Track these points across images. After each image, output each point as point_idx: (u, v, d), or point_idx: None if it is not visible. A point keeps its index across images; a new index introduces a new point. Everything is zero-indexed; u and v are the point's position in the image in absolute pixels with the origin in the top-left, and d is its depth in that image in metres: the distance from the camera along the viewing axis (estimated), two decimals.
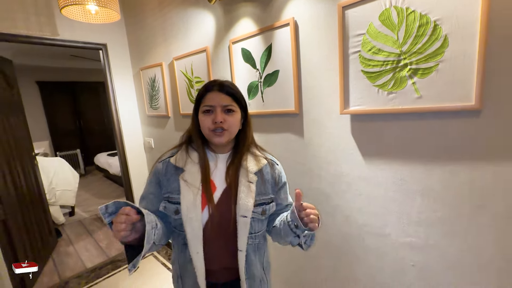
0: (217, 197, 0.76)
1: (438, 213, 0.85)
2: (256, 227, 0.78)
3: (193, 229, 0.72)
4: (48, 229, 2.52)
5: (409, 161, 0.88)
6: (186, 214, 0.72)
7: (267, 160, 0.82)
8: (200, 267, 0.74)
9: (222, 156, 0.81)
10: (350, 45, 0.94)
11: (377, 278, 1.05)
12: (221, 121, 0.73)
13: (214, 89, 0.75)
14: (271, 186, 0.81)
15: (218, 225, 0.75)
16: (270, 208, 0.80)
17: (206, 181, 0.75)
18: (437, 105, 0.78)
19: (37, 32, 1.76)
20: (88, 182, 4.91)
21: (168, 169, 0.78)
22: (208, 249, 0.75)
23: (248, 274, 0.77)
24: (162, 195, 0.79)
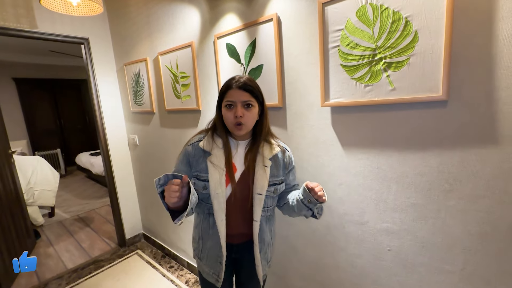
0: (237, 177, 0.93)
1: (411, 199, 0.91)
2: (269, 202, 0.96)
3: (219, 202, 0.90)
4: (26, 230, 2.42)
5: (385, 150, 0.94)
6: (214, 190, 0.90)
7: (280, 148, 0.97)
8: (223, 231, 0.92)
9: (242, 142, 0.96)
10: (330, 40, 0.98)
11: (357, 264, 1.10)
12: (240, 115, 0.86)
13: (235, 86, 0.87)
14: (282, 170, 0.97)
15: (238, 199, 0.93)
16: (280, 188, 0.98)
17: (229, 164, 0.91)
18: (409, 96, 0.83)
19: (14, 24, 1.70)
20: (69, 182, 4.74)
21: (196, 152, 0.94)
22: (229, 218, 0.94)
23: (260, 239, 0.96)
24: (191, 173, 0.95)
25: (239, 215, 0.95)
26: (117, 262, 2.23)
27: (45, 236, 2.76)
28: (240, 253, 1.01)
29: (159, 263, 2.18)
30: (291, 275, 1.36)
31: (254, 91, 0.87)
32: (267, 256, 1.02)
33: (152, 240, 2.45)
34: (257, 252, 0.95)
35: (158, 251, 2.37)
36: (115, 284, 1.95)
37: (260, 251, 0.96)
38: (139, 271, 2.09)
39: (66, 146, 5.46)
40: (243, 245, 0.99)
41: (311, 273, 1.27)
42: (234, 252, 1.01)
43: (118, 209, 2.40)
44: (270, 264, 1.07)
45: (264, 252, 0.99)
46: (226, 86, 0.89)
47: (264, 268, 1.01)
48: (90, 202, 3.70)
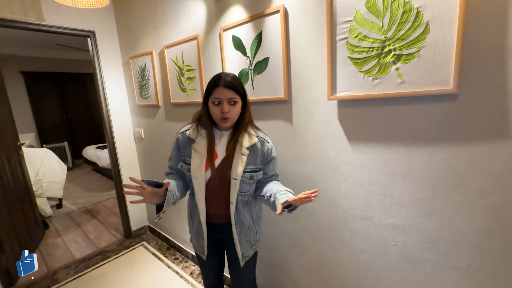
0: (218, 163, 1.03)
1: (417, 194, 0.90)
2: (245, 188, 1.04)
3: (198, 183, 1.02)
4: (35, 221, 2.48)
5: (392, 145, 0.92)
6: (194, 172, 1.02)
7: (259, 139, 1.04)
8: (202, 210, 1.05)
9: (225, 133, 1.06)
10: (337, 32, 0.96)
11: (361, 259, 1.09)
12: (227, 111, 0.96)
13: (222, 85, 0.95)
14: (260, 159, 1.04)
15: (217, 183, 1.02)
16: (257, 175, 1.05)
17: (211, 151, 1.02)
18: (418, 90, 0.82)
19: (21, 16, 1.71)
20: (76, 175, 4.82)
21: (184, 139, 1.08)
22: (209, 199, 1.05)
23: (237, 220, 1.06)
24: (180, 157, 1.09)
25: (219, 197, 1.05)
26: (123, 253, 2.27)
27: (53, 226, 2.83)
28: (225, 232, 1.12)
29: (164, 255, 2.22)
30: (294, 269, 1.37)
31: (238, 89, 0.97)
32: (249, 238, 1.11)
33: (157, 233, 2.48)
34: (235, 231, 1.06)
35: (163, 243, 2.40)
36: (122, 274, 1.99)
37: (239, 232, 1.07)
38: (144, 263, 2.12)
39: (73, 139, 5.53)
40: (225, 226, 1.09)
41: (314, 268, 1.28)
42: (219, 232, 1.13)
43: (124, 202, 2.44)
44: (255, 247, 1.15)
45: (244, 234, 1.08)
46: (214, 84, 0.97)
47: (246, 249, 1.10)
48: (97, 194, 3.76)
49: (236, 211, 1.04)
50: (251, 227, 1.11)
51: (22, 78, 4.82)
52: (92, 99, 5.71)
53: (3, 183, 1.98)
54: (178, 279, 1.90)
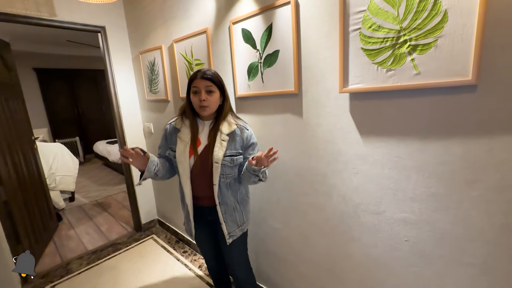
0: (201, 149, 1.15)
1: (431, 188, 0.88)
2: (227, 170, 1.13)
3: (183, 168, 1.14)
4: (49, 213, 2.55)
5: (405, 138, 0.90)
6: (178, 158, 1.14)
7: (238, 126, 1.15)
8: (188, 193, 1.17)
9: (207, 122, 1.18)
10: (350, 23, 0.94)
11: (371, 254, 1.08)
12: (204, 99, 1.08)
13: (199, 76, 1.08)
14: (239, 144, 1.15)
15: (200, 167, 1.14)
16: (237, 159, 1.15)
17: (194, 139, 1.14)
18: (435, 81, 0.79)
19: (34, 12, 1.74)
20: (87, 169, 4.93)
21: (171, 129, 1.21)
22: (195, 182, 1.17)
23: (221, 201, 1.16)
24: (168, 146, 1.22)
25: (203, 180, 1.15)
26: (133, 245, 2.32)
27: (66, 219, 2.91)
28: (213, 215, 1.20)
29: (173, 248, 2.25)
30: (303, 263, 1.37)
31: (214, 79, 1.09)
32: (235, 219, 1.21)
33: (166, 226, 2.52)
34: (220, 212, 1.16)
35: (172, 236, 2.44)
36: (132, 266, 2.03)
37: (224, 212, 1.17)
38: (154, 255, 2.17)
39: (84, 135, 5.66)
40: (213, 208, 1.18)
41: (323, 263, 1.27)
42: (208, 214, 1.22)
43: (134, 196, 2.48)
44: (243, 228, 1.25)
45: (230, 214, 1.19)
46: (193, 76, 1.10)
47: (232, 229, 1.20)
48: (107, 188, 3.84)
49: (220, 192, 1.14)
50: (236, 208, 1.21)
51: (35, 74, 4.94)
52: (102, 95, 5.80)
53: (19, 175, 2.04)
54: (187, 271, 1.93)
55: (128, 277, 1.90)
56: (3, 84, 2.06)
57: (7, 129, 1.97)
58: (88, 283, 1.87)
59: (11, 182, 1.91)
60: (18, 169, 2.05)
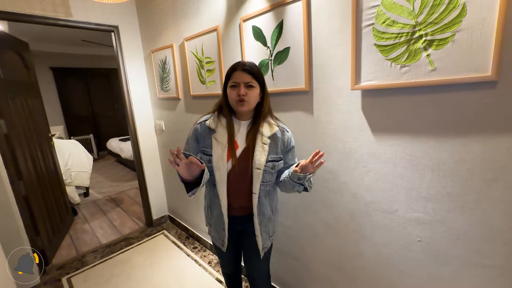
0: (238, 153, 1.02)
1: (447, 188, 0.85)
2: (267, 177, 1.03)
3: (220, 174, 1.00)
4: (65, 207, 2.65)
5: (419, 136, 0.88)
6: (216, 163, 1.00)
7: (279, 128, 1.04)
8: (224, 201, 1.03)
9: (244, 122, 1.05)
10: (363, 18, 0.92)
11: (383, 253, 1.07)
12: (243, 94, 0.95)
13: (239, 69, 0.97)
14: (280, 148, 1.04)
15: (238, 173, 1.02)
16: (278, 164, 1.05)
17: (231, 141, 1.01)
18: (452, 77, 0.77)
19: (51, 13, 1.79)
20: (101, 166, 5.07)
21: (203, 129, 1.06)
22: (230, 190, 1.03)
23: (259, 211, 1.05)
24: (199, 148, 1.07)
25: (240, 187, 1.04)
26: (145, 240, 2.38)
27: (81, 213, 3.01)
28: (243, 225, 1.11)
29: (183, 243, 2.29)
30: (314, 261, 1.36)
31: (255, 73, 0.97)
32: (268, 230, 1.10)
33: (177, 222, 2.56)
34: (257, 223, 1.05)
35: (182, 232, 2.48)
36: (144, 260, 2.08)
37: (260, 223, 1.06)
38: (165, 250, 2.21)
39: (98, 132, 5.81)
40: (244, 218, 1.08)
41: (334, 260, 1.26)
42: (237, 224, 1.11)
43: (145, 192, 2.54)
44: (272, 238, 1.15)
45: (265, 225, 1.08)
46: (232, 69, 0.99)
47: (265, 240, 1.10)
48: (120, 184, 3.94)
49: (258, 202, 1.03)
50: (271, 218, 1.10)
51: (52, 73, 5.11)
52: (115, 93, 5.93)
53: (37, 170, 2.12)
54: (197, 267, 1.96)
55: (140, 271, 1.95)
56: (22, 83, 2.14)
57: (26, 126, 2.05)
58: (102, 275, 1.93)
59: (30, 177, 1.99)
60: (37, 165, 2.13)
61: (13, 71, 2.02)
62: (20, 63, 2.16)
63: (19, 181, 1.83)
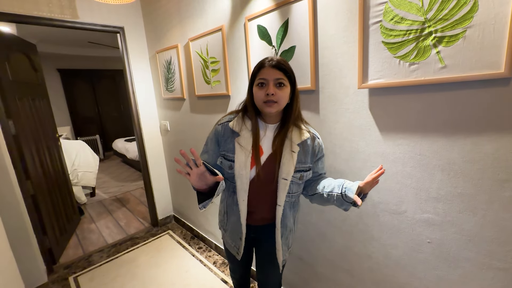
0: (263, 160, 0.92)
1: (458, 188, 0.83)
2: (294, 188, 0.94)
3: (242, 183, 0.91)
4: (72, 207, 2.67)
5: (429, 135, 0.86)
6: (238, 170, 0.90)
7: (310, 134, 0.93)
8: (244, 210, 0.94)
9: (271, 126, 0.94)
10: (370, 16, 0.90)
11: (391, 255, 1.05)
12: (272, 93, 0.83)
13: (268, 65, 0.84)
14: (310, 157, 0.94)
15: (262, 182, 0.92)
16: (307, 175, 0.95)
17: (256, 147, 0.90)
18: (463, 74, 0.75)
19: (58, 15, 1.81)
20: (107, 166, 5.12)
21: (225, 132, 0.95)
22: (252, 199, 0.94)
23: (282, 224, 0.96)
24: (219, 152, 0.97)
25: (262, 198, 0.96)
26: (150, 240, 2.39)
27: (87, 213, 3.04)
28: (259, 233, 1.03)
29: (188, 243, 2.30)
30: (320, 262, 1.35)
31: (287, 70, 0.86)
32: (288, 242, 1.02)
33: (182, 222, 2.57)
34: (279, 237, 0.96)
35: (187, 232, 2.48)
36: (150, 260, 2.09)
37: (281, 236, 0.97)
38: (170, 250, 2.22)
39: (103, 132, 5.87)
40: (262, 227, 1.01)
41: (340, 261, 1.25)
42: (253, 232, 1.04)
43: (151, 192, 2.55)
44: (290, 250, 1.07)
45: (286, 237, 0.99)
46: (260, 65, 0.87)
47: (284, 253, 1.02)
48: (126, 184, 3.97)
49: (282, 214, 0.94)
50: (292, 229, 1.02)
51: (59, 75, 5.18)
52: (120, 94, 5.99)
53: (44, 170, 2.15)
54: (202, 267, 1.96)
55: (146, 271, 1.96)
56: (30, 84, 2.17)
57: (33, 127, 2.08)
58: (108, 275, 1.95)
59: (38, 177, 2.01)
60: (44, 165, 2.16)
61: (21, 72, 2.05)
62: (28, 64, 2.19)
63: (26, 181, 1.85)
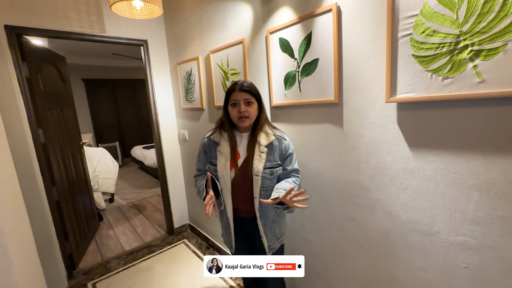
0: (241, 162, 1.14)
1: (498, 211, 0.77)
2: (267, 183, 1.12)
3: (224, 182, 1.13)
4: (92, 213, 2.75)
5: (464, 153, 0.81)
6: (220, 172, 1.13)
7: (276, 137, 1.13)
8: (229, 206, 1.16)
9: (245, 134, 1.17)
10: (399, 28, 0.88)
11: (421, 278, 0.98)
12: (244, 110, 1.07)
13: (238, 89, 1.08)
14: (278, 155, 1.13)
15: (241, 180, 1.13)
16: (277, 171, 1.13)
17: (233, 152, 1.13)
18: (504, 90, 0.70)
19: (88, 29, 1.91)
20: (125, 172, 5.26)
21: (209, 143, 1.20)
22: (235, 195, 1.16)
23: (262, 214, 1.15)
24: (207, 159, 1.22)
25: (243, 193, 1.14)
26: (166, 248, 2.40)
27: (106, 219, 3.11)
28: (251, 226, 1.20)
29: (203, 253, 2.28)
30: (340, 281, 1.29)
31: (252, 91, 1.09)
32: (275, 231, 1.19)
33: (197, 231, 2.57)
34: (260, 225, 1.15)
35: (202, 242, 2.47)
36: (165, 269, 2.09)
37: (264, 225, 1.15)
38: (185, 259, 2.21)
39: (122, 139, 6.06)
40: (251, 220, 1.17)
41: (363, 282, 1.19)
42: (245, 226, 1.22)
43: (168, 199, 2.57)
44: (281, 240, 1.23)
45: (270, 227, 1.17)
46: (231, 90, 1.10)
47: (272, 241, 1.19)
48: (143, 191, 4.05)
49: (260, 205, 1.12)
50: (276, 220, 1.19)
51: (83, 84, 5.44)
52: (139, 103, 6.19)
53: (69, 177, 2.23)
54: (217, 278, 1.94)
55: (162, 279, 1.96)
56: (59, 95, 2.29)
57: (60, 135, 2.17)
58: (125, 282, 1.96)
59: (62, 184, 2.09)
60: (68, 172, 2.24)
61: (51, 83, 2.17)
62: (57, 75, 2.32)
63: (52, 188, 1.92)
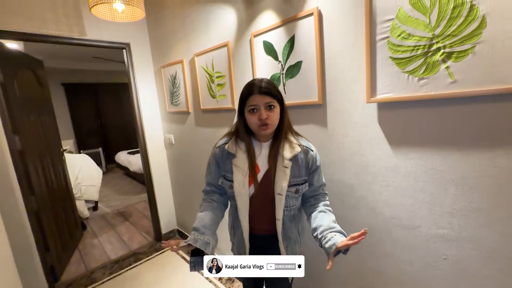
0: (260, 177, 0.97)
1: (474, 203, 0.82)
2: (291, 202, 0.97)
3: (242, 201, 0.96)
4: (75, 222, 2.64)
5: (442, 149, 0.85)
6: (237, 190, 0.96)
7: (301, 148, 0.96)
8: (245, 227, 0.99)
9: (265, 144, 0.99)
10: (377, 32, 0.92)
11: (406, 271, 1.02)
12: (266, 117, 0.88)
13: (256, 92, 0.89)
14: (304, 170, 0.96)
15: (260, 199, 0.97)
16: (303, 188, 0.98)
17: (252, 166, 0.95)
18: (474, 89, 0.75)
19: (67, 32, 1.85)
20: (109, 179, 5.09)
21: (223, 154, 1.00)
22: (253, 215, 0.99)
23: (285, 236, 1.00)
24: (220, 173, 1.03)
25: (263, 212, 1.00)
26: (154, 255, 2.34)
27: (90, 228, 3.00)
28: (264, 243, 1.06)
29: None
30: (329, 279, 1.31)
31: (275, 93, 0.90)
32: (296, 251, 1.05)
33: (186, 236, 2.52)
34: (283, 248, 1.00)
35: None
36: (153, 276, 2.04)
37: (286, 247, 1.01)
38: (174, 266, 2.17)
39: (106, 145, 5.88)
40: (268, 237, 1.04)
41: (352, 279, 1.21)
42: (259, 242, 1.06)
43: (155, 205, 2.52)
44: None
45: (291, 248, 1.02)
46: (248, 93, 0.91)
47: None
48: (128, 197, 3.94)
49: (283, 227, 0.98)
50: (297, 240, 1.05)
51: (63, 89, 5.24)
52: (123, 107, 6.03)
53: (49, 186, 2.14)
54: (207, 283, 1.91)
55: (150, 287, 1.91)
56: (36, 99, 2.20)
57: (39, 142, 2.08)
58: None
59: (42, 193, 2.00)
60: (48, 180, 2.15)
61: (28, 88, 2.08)
62: (34, 80, 2.23)
63: (31, 197, 1.84)
